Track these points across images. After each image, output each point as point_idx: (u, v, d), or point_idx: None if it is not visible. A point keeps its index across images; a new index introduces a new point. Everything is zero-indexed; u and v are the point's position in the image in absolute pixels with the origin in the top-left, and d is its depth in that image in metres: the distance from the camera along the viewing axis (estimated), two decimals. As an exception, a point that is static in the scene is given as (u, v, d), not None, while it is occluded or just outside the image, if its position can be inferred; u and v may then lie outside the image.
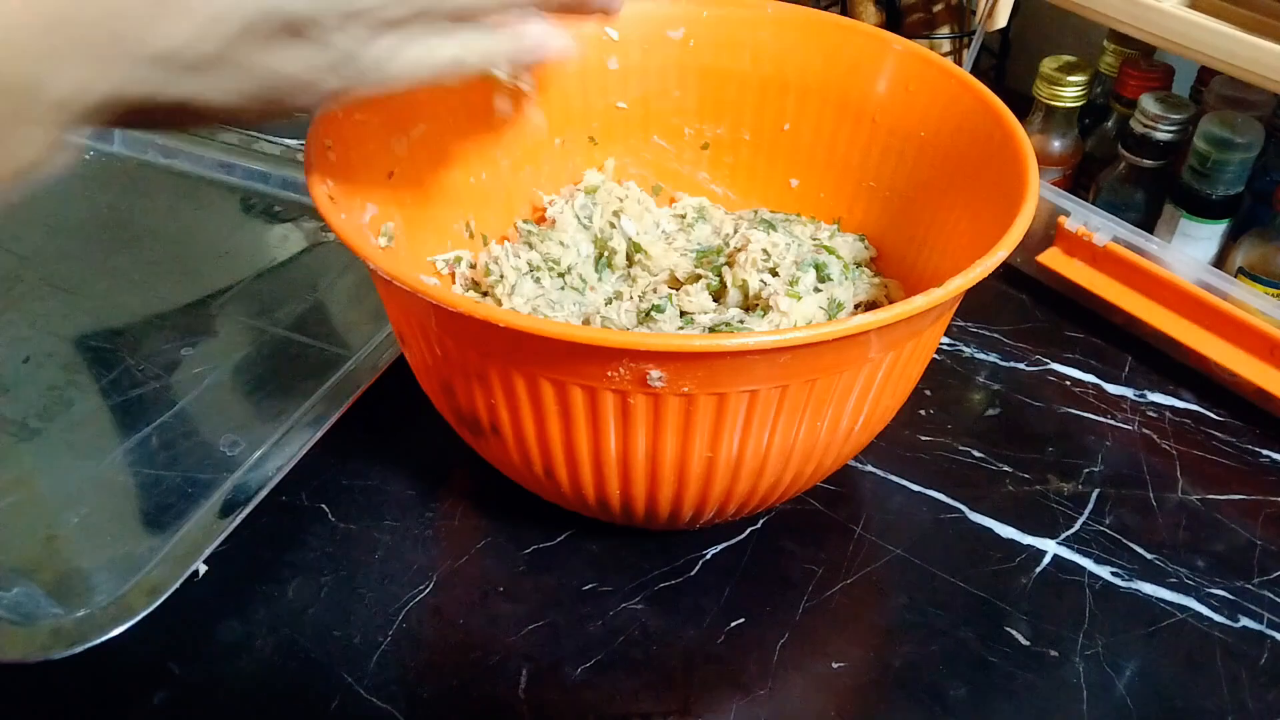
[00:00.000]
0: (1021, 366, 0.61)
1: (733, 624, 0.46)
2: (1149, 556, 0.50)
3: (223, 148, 0.72)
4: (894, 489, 0.53)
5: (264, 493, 0.48)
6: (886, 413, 0.45)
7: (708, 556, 0.49)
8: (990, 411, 0.58)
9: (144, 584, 0.44)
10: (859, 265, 0.54)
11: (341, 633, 0.45)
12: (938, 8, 0.77)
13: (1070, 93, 0.65)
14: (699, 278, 0.53)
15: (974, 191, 0.48)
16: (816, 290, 0.51)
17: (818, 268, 0.51)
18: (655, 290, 0.54)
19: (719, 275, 0.53)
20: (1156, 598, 0.48)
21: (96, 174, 0.72)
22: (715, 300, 0.52)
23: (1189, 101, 0.62)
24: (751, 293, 0.51)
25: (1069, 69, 0.65)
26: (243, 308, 0.60)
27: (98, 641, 0.41)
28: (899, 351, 0.40)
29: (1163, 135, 0.61)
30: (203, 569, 0.45)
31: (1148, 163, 0.62)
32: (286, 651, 0.44)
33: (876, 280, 0.54)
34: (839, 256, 0.53)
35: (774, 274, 0.51)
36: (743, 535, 0.50)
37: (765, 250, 0.52)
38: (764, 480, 0.43)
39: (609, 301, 0.53)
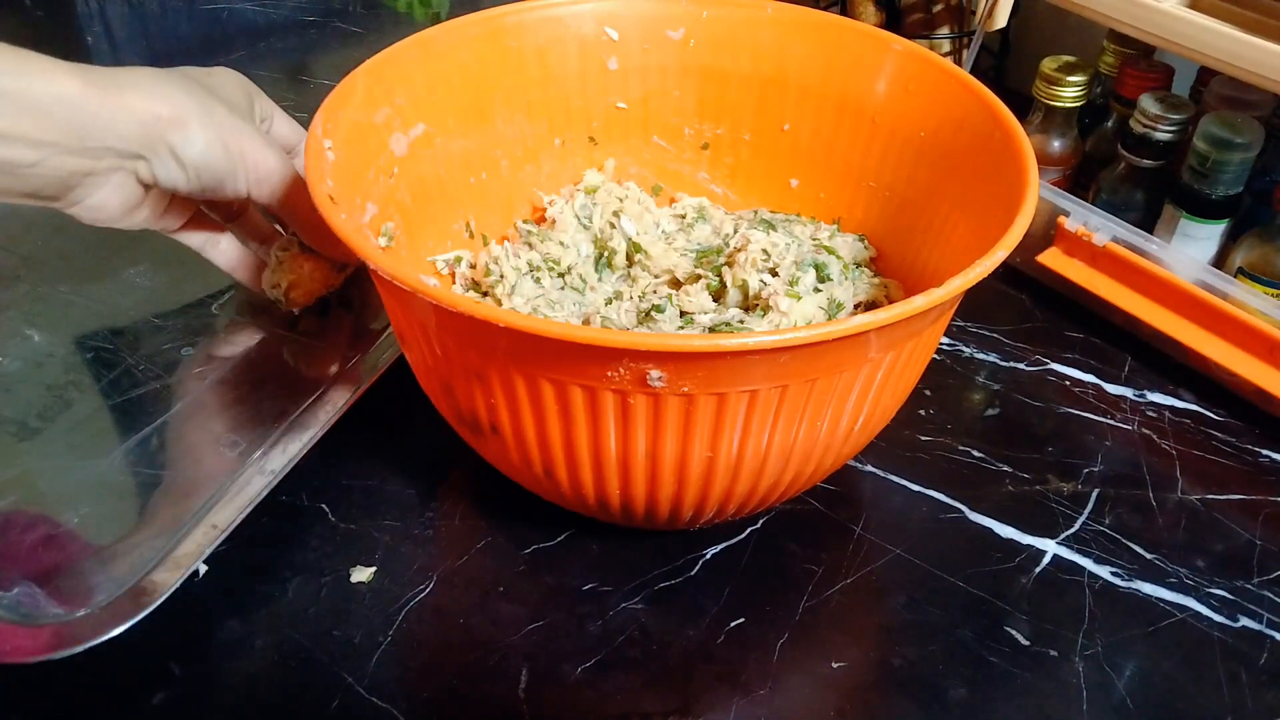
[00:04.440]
0: (1021, 366, 0.61)
1: (733, 624, 0.46)
2: (1149, 556, 0.50)
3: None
4: (894, 489, 0.53)
5: (264, 493, 0.47)
6: (886, 413, 0.45)
7: (708, 556, 0.49)
8: (990, 411, 0.58)
9: (144, 584, 0.44)
10: (859, 265, 0.54)
11: (341, 633, 0.45)
12: (938, 8, 0.77)
13: (1070, 93, 0.65)
14: (699, 278, 0.53)
15: (974, 191, 0.48)
16: (816, 290, 0.51)
17: (817, 268, 0.51)
18: (655, 290, 0.54)
19: (719, 275, 0.53)
20: (1156, 598, 0.48)
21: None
22: (715, 300, 0.52)
23: (1189, 101, 0.62)
24: (751, 293, 0.51)
25: (1069, 69, 0.65)
26: (243, 307, 0.60)
27: (98, 641, 0.41)
28: (899, 351, 0.41)
29: (1162, 135, 0.61)
30: (203, 569, 0.45)
31: (1147, 163, 0.62)
32: (286, 651, 0.45)
33: (876, 280, 0.54)
34: (839, 257, 0.53)
35: (774, 274, 0.51)
36: (743, 535, 0.50)
37: (765, 250, 0.52)
38: (764, 480, 0.43)
39: (609, 301, 0.53)
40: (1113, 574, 0.49)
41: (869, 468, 0.54)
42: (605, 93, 0.58)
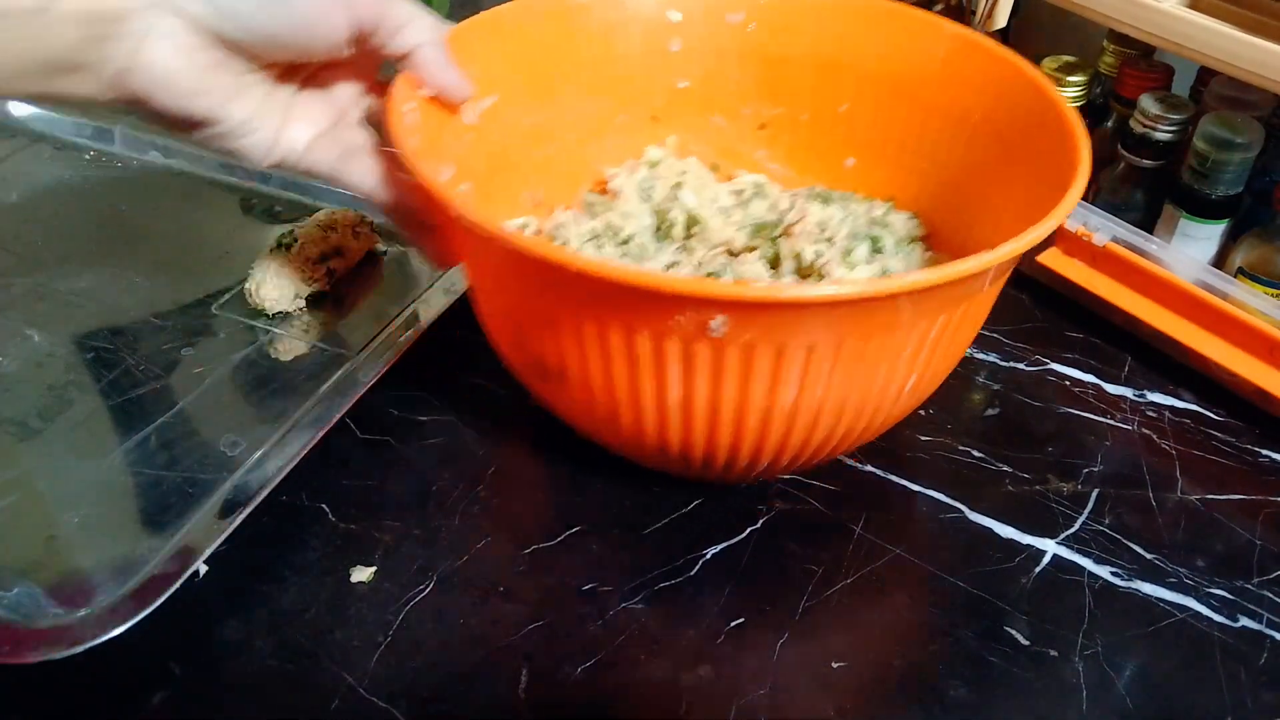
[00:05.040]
0: (1021, 366, 0.61)
1: (733, 624, 0.46)
2: (1149, 556, 0.50)
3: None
4: (894, 489, 0.53)
5: (264, 493, 0.47)
6: (936, 376, 0.46)
7: (708, 556, 0.49)
8: (990, 411, 0.58)
9: (144, 584, 0.44)
10: (911, 241, 0.56)
11: (341, 633, 0.45)
12: (937, 8, 0.77)
13: (1070, 93, 0.65)
14: (755, 248, 0.55)
15: (1025, 170, 0.49)
16: (869, 263, 0.52)
17: (872, 240, 0.53)
18: (713, 259, 0.55)
19: (774, 246, 0.54)
20: (1156, 598, 0.48)
21: (97, 174, 0.72)
22: (771, 269, 0.54)
23: (1188, 101, 0.62)
24: (805, 263, 0.52)
25: (1069, 69, 0.65)
26: (243, 308, 0.60)
27: (98, 641, 0.41)
28: (950, 314, 0.42)
29: (1162, 135, 0.61)
30: (203, 569, 0.45)
31: (1147, 163, 0.62)
32: (286, 651, 0.44)
33: (928, 255, 0.55)
34: (893, 231, 0.55)
35: (829, 245, 0.53)
36: (743, 535, 0.50)
37: (821, 223, 0.53)
38: (817, 433, 0.44)
39: (667, 269, 0.55)
40: (1113, 574, 0.49)
41: (869, 468, 0.54)
42: (667, 73, 0.60)
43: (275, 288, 0.59)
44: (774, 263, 0.54)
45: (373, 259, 0.65)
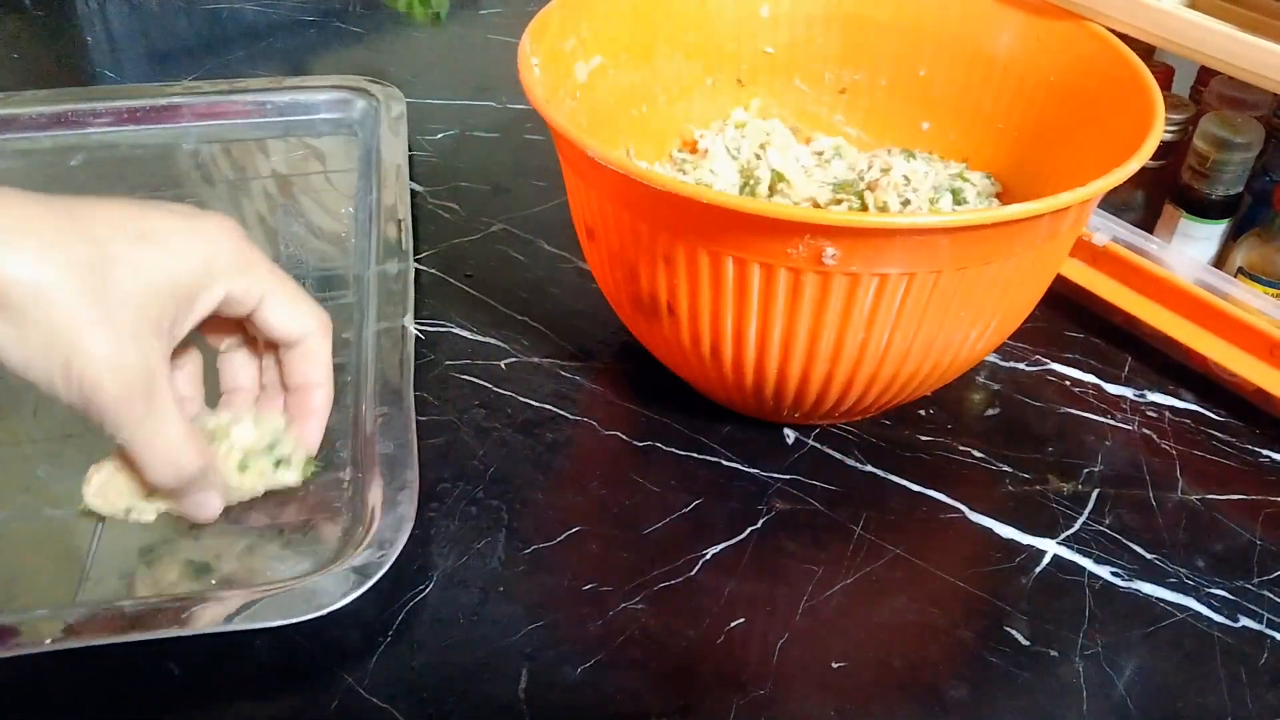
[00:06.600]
0: (1021, 366, 0.61)
1: (733, 624, 0.46)
2: (1149, 556, 0.50)
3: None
4: (894, 489, 0.53)
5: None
6: (1011, 321, 0.49)
7: (707, 556, 0.49)
8: (990, 411, 0.58)
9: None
10: (989, 197, 0.58)
11: (341, 633, 0.45)
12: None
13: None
14: (840, 201, 0.57)
15: (1099, 129, 0.52)
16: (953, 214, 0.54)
17: (954, 193, 0.55)
18: None
19: (860, 199, 0.56)
20: (1156, 598, 0.48)
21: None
22: None
23: (1189, 101, 0.62)
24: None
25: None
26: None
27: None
28: (1038, 252, 0.44)
29: (1162, 135, 0.61)
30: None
31: (1147, 163, 0.62)
32: (287, 651, 0.44)
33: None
34: (973, 185, 0.57)
35: (915, 195, 0.55)
36: (743, 535, 0.50)
37: (906, 176, 0.56)
38: (905, 368, 0.47)
39: None
40: (1113, 574, 0.49)
41: (869, 468, 0.54)
42: (756, 38, 0.63)
43: (105, 485, 0.44)
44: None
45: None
